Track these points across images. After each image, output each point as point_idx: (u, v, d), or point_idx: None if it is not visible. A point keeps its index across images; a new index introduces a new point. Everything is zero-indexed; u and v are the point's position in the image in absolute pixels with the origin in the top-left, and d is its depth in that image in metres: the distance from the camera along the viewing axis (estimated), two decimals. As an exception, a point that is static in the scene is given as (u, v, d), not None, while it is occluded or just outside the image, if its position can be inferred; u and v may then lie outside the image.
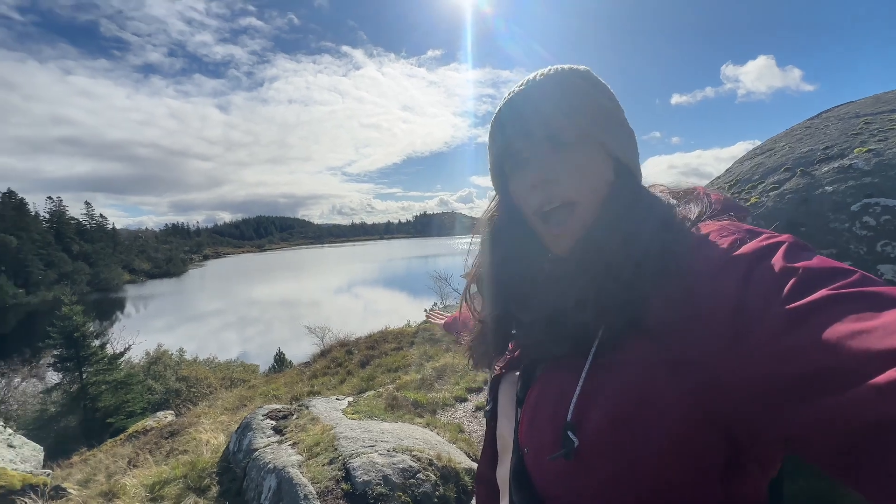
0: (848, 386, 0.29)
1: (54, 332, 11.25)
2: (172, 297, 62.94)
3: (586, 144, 0.52)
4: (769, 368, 0.33)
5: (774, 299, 0.35)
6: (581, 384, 0.45)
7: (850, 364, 0.29)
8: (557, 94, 0.53)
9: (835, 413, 0.29)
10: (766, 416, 0.34)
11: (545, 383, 0.51)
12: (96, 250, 76.32)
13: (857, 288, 0.33)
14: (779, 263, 0.37)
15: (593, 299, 0.46)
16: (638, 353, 0.43)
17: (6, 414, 10.25)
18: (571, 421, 0.44)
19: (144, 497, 3.09)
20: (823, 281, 0.35)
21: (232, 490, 2.99)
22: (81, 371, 11.07)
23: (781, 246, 0.39)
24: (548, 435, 0.46)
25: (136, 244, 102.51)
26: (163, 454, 4.59)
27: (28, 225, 65.50)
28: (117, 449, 6.28)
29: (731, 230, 0.44)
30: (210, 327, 36.57)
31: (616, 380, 0.43)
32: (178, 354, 14.72)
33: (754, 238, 0.42)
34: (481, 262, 0.65)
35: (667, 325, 0.41)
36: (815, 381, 0.31)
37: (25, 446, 6.31)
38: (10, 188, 67.73)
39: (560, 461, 0.44)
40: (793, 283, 0.35)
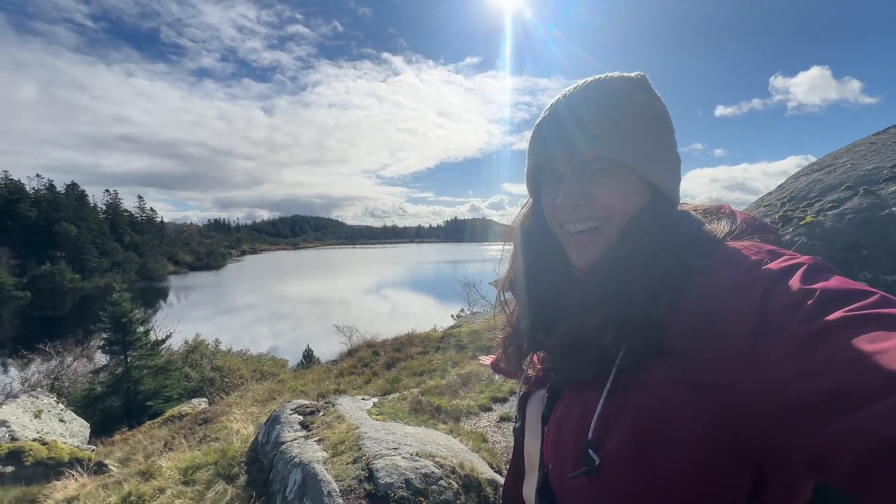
0: (862, 406, 0.29)
1: (105, 316, 11.99)
2: (211, 290, 65.89)
3: (625, 170, 0.52)
4: (787, 389, 0.33)
5: (792, 320, 0.35)
6: (602, 403, 0.45)
7: (865, 385, 0.29)
8: (603, 112, 0.52)
9: (849, 433, 0.30)
10: (787, 437, 0.34)
11: (569, 401, 0.51)
12: (145, 241, 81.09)
13: (876, 309, 0.33)
14: (797, 284, 0.38)
15: (614, 322, 0.46)
16: (659, 374, 0.42)
17: (59, 390, 11.02)
18: (592, 439, 0.44)
19: (178, 480, 3.23)
20: (841, 302, 0.35)
21: (259, 480, 3.08)
22: (126, 355, 11.75)
23: (801, 267, 0.39)
24: (570, 453, 0.47)
25: (181, 237, 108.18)
26: (196, 440, 4.79)
27: (87, 215, 70.61)
28: (155, 431, 6.60)
29: (753, 251, 0.44)
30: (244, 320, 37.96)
31: (638, 400, 0.43)
32: (213, 345, 15.40)
33: (775, 259, 0.42)
34: (513, 267, 0.66)
35: (687, 346, 0.41)
36: (831, 401, 0.31)
37: (74, 422, 6.76)
38: (73, 181, 73.23)
39: (582, 479, 0.44)
40: (810, 304, 0.35)
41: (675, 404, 0.40)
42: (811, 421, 0.32)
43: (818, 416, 0.31)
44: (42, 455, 5.21)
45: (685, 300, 0.42)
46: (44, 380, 11.86)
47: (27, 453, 5.11)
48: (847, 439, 0.30)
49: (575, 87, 0.55)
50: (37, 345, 13.46)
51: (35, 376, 12.04)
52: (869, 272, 1.55)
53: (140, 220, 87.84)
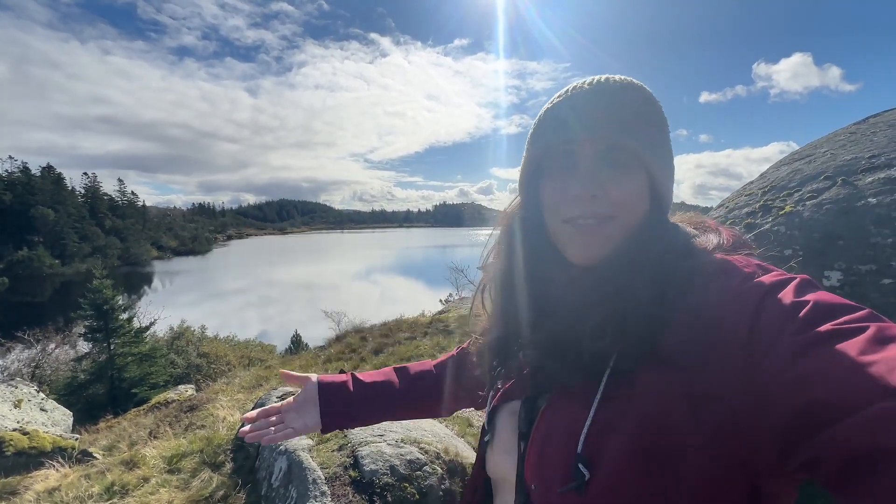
0: (849, 415, 0.30)
1: (85, 303, 11.74)
2: (197, 275, 64.97)
3: (636, 169, 0.50)
4: (780, 398, 0.34)
5: (783, 331, 0.36)
6: (592, 415, 0.44)
7: (853, 394, 0.31)
8: (629, 108, 0.50)
9: (835, 442, 0.31)
10: (779, 447, 0.35)
11: (553, 415, 0.49)
12: (127, 226, 79.22)
13: (863, 323, 0.34)
14: (789, 297, 0.39)
15: (612, 325, 0.45)
16: (652, 384, 0.42)
17: (40, 378, 10.84)
18: (582, 453, 0.43)
19: (163, 468, 3.22)
20: (832, 315, 0.36)
21: (245, 468, 3.08)
22: (109, 342, 11.56)
23: (793, 281, 0.41)
24: (558, 470, 0.44)
25: (165, 222, 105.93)
26: (182, 427, 4.76)
27: (65, 199, 68.42)
28: (140, 419, 6.56)
29: (745, 264, 0.45)
30: (231, 306, 37.66)
31: (632, 412, 0.41)
32: (199, 331, 15.22)
33: (767, 273, 0.43)
34: (496, 264, 0.63)
35: (681, 356, 0.41)
36: (821, 410, 0.32)
37: (56, 410, 6.66)
38: (49, 163, 70.82)
39: (571, 497, 0.42)
40: (801, 316, 0.36)
41: (671, 416, 0.40)
42: (803, 429, 0.33)
43: (809, 425, 0.32)
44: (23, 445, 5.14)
45: (682, 308, 0.43)
46: (24, 368, 11.63)
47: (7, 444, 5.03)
48: (834, 447, 0.31)
49: (594, 80, 0.52)
50: (15, 332, 13.16)
51: (14, 365, 11.79)
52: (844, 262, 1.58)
53: (121, 204, 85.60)
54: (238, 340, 15.92)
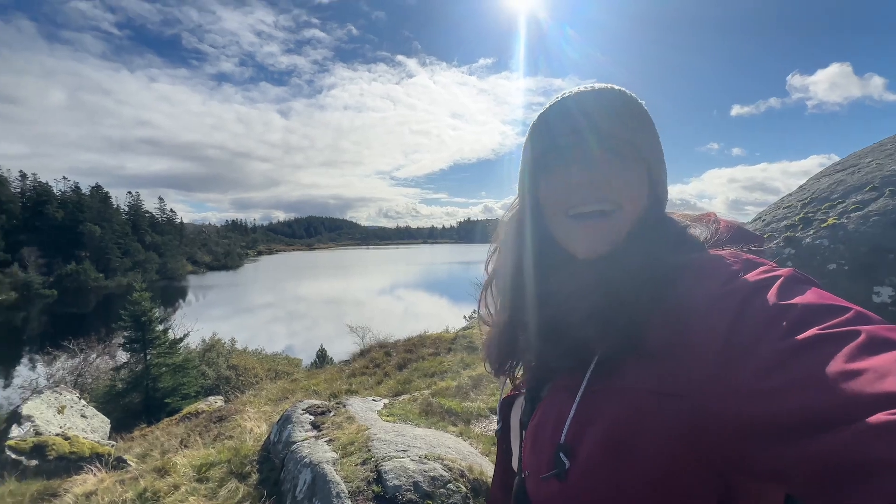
0: (833, 428, 0.29)
1: (125, 314, 12.32)
2: (228, 289, 67.13)
3: (637, 161, 0.52)
4: (755, 406, 0.33)
5: (764, 336, 0.35)
6: (575, 408, 0.45)
7: (837, 406, 0.29)
8: (618, 105, 0.52)
9: (818, 454, 0.29)
10: (753, 453, 0.34)
11: (546, 406, 0.51)
12: (165, 242, 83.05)
13: (851, 327, 0.33)
14: (772, 299, 0.37)
15: (603, 315, 0.46)
16: (633, 381, 0.42)
17: (81, 386, 11.36)
18: (564, 443, 0.44)
19: (192, 477, 3.29)
20: (816, 318, 0.35)
21: (270, 479, 3.11)
22: (146, 353, 12.05)
23: (777, 280, 0.39)
24: (545, 458, 0.47)
25: (200, 238, 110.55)
26: (211, 437, 4.87)
27: (110, 216, 72.65)
28: (172, 428, 6.74)
29: (731, 260, 0.44)
30: (260, 320, 38.57)
31: (609, 407, 0.43)
32: (230, 343, 15.67)
33: (753, 269, 0.42)
34: (500, 263, 0.65)
35: (661, 354, 0.41)
36: (801, 421, 0.31)
37: (95, 417, 6.95)
38: (97, 183, 75.79)
39: (554, 484, 0.44)
40: (784, 320, 0.35)
41: (644, 413, 0.40)
42: (777, 440, 0.32)
43: (784, 436, 0.31)
44: (64, 450, 5.35)
45: (666, 305, 0.43)
46: (67, 376, 12.24)
47: (50, 448, 5.25)
48: (812, 461, 0.30)
49: (583, 87, 0.55)
50: (62, 342, 13.89)
51: (59, 372, 12.44)
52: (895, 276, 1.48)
53: (160, 221, 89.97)
54: (266, 354, 16.26)
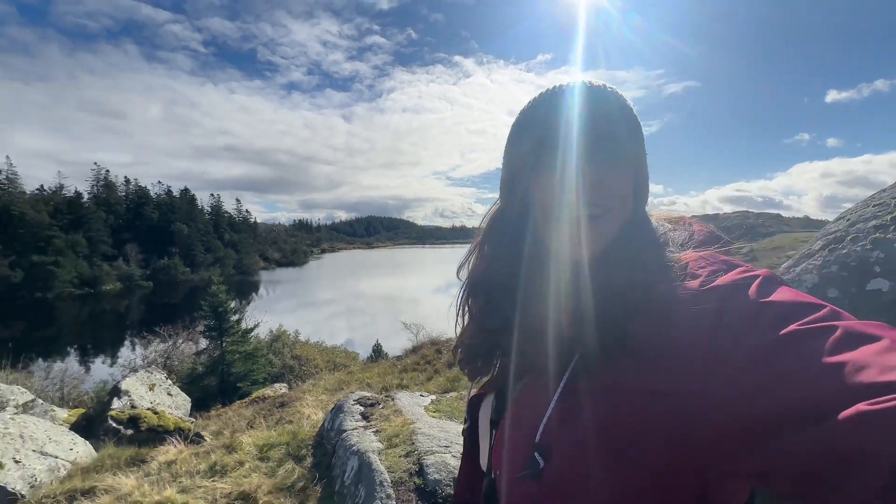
0: (814, 421, 0.30)
1: (205, 305, 13.65)
2: (294, 285, 71.63)
3: (628, 164, 0.51)
4: (739, 401, 0.34)
5: (746, 334, 0.36)
6: (552, 406, 0.45)
7: (818, 400, 0.30)
8: (613, 106, 0.50)
9: (799, 447, 0.30)
10: (736, 450, 0.34)
11: (519, 405, 0.50)
12: (241, 240, 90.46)
13: (826, 323, 0.34)
14: (751, 298, 0.38)
15: (591, 315, 0.45)
16: (613, 380, 0.41)
17: (169, 368, 12.74)
18: (539, 442, 0.44)
19: (255, 455, 3.58)
20: (793, 316, 0.35)
21: (323, 463, 3.30)
22: (222, 340, 13.25)
23: (756, 280, 0.40)
24: (519, 458, 0.46)
25: (271, 236, 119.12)
26: (273, 420, 5.24)
27: (196, 217, 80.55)
28: (242, 410, 7.34)
29: (711, 261, 0.45)
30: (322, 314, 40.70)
31: (589, 405, 0.42)
32: (294, 335, 16.74)
33: (731, 270, 0.43)
34: (484, 265, 0.62)
35: (644, 353, 0.40)
36: (784, 417, 0.31)
37: (179, 396, 7.76)
38: (186, 186, 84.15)
39: (527, 484, 0.44)
40: (763, 319, 0.36)
41: (626, 412, 0.40)
42: (762, 434, 0.32)
43: (769, 430, 0.32)
44: (153, 422, 5.98)
45: (650, 306, 0.43)
46: (158, 358, 13.78)
47: (142, 420, 5.90)
48: (796, 454, 0.30)
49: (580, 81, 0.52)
50: (155, 328, 15.67)
51: (152, 355, 14.04)
52: None
53: (237, 221, 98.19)
54: (326, 346, 17.14)
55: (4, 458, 3.03)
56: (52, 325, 38.39)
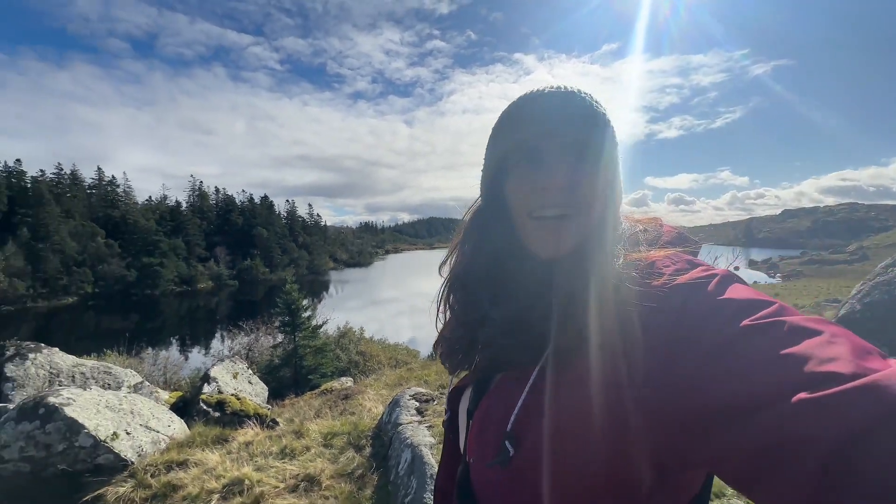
0: (760, 410, 0.32)
1: (280, 302, 14.77)
2: (361, 284, 75.07)
3: (597, 164, 0.52)
4: (693, 395, 0.36)
5: (704, 329, 0.38)
6: (523, 398, 0.47)
7: (764, 391, 0.32)
8: (585, 110, 0.52)
9: (746, 436, 0.32)
10: (691, 442, 0.36)
11: (494, 396, 0.53)
12: (313, 242, 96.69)
13: (775, 318, 0.36)
14: (710, 295, 0.41)
15: (561, 312, 0.47)
16: (580, 373, 0.43)
17: (250, 359, 14.01)
18: (510, 431, 0.46)
19: (320, 442, 3.84)
20: (745, 312, 0.38)
21: (380, 454, 3.46)
22: (295, 335, 14.28)
23: (714, 278, 0.42)
24: (490, 446, 0.49)
25: (339, 238, 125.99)
26: (338, 411, 5.58)
27: (274, 221, 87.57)
28: (312, 400, 7.87)
29: (675, 260, 0.48)
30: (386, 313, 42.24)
31: (556, 397, 0.44)
32: (359, 332, 17.58)
33: (693, 269, 0.45)
34: (463, 262, 0.64)
35: (611, 348, 0.42)
36: (732, 407, 0.33)
37: (258, 385, 8.50)
38: (265, 194, 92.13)
39: (497, 471, 0.46)
40: (719, 315, 0.38)
41: (591, 404, 0.42)
42: (712, 427, 0.34)
43: (719, 420, 0.34)
44: (236, 407, 6.61)
45: (616, 302, 0.44)
46: (242, 350, 15.21)
47: (227, 404, 6.54)
48: (743, 442, 0.32)
49: (549, 87, 0.54)
50: (239, 322, 17.32)
51: (237, 346, 15.54)
52: None
53: (310, 224, 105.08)
54: (388, 343, 17.81)
55: (119, 429, 3.55)
56: (158, 318, 43.91)
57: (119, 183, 68.43)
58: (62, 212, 55.05)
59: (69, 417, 3.29)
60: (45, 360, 5.23)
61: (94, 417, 3.46)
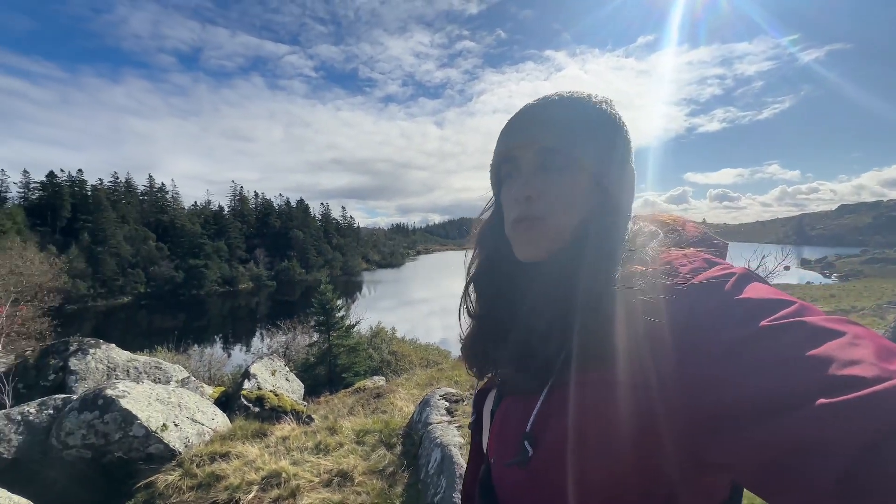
0: (778, 413, 0.31)
1: (315, 302, 15.20)
2: (393, 285, 76.16)
3: (575, 170, 0.53)
4: (709, 396, 0.35)
5: (719, 328, 0.37)
6: (542, 399, 0.47)
7: (784, 393, 0.31)
8: (567, 115, 0.55)
9: (762, 438, 0.31)
10: (707, 443, 0.36)
11: (514, 398, 0.53)
12: (346, 243, 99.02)
13: (795, 318, 0.35)
14: (727, 294, 0.40)
15: (557, 329, 0.48)
16: (595, 375, 0.43)
17: (287, 357, 14.54)
18: (529, 432, 0.47)
19: (353, 439, 3.94)
20: (764, 312, 0.37)
21: (410, 452, 3.51)
22: (329, 334, 14.67)
23: (732, 277, 0.41)
24: (510, 446, 0.49)
25: (371, 239, 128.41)
26: (370, 409, 5.69)
27: (309, 224, 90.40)
28: (345, 398, 8.07)
29: (692, 259, 0.46)
30: (418, 312, 42.60)
31: (574, 398, 0.44)
32: (391, 332, 17.84)
33: (711, 268, 0.44)
34: (476, 264, 0.67)
35: (623, 351, 0.42)
36: (750, 408, 0.33)
37: (294, 382, 8.80)
38: (301, 197, 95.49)
39: (516, 471, 0.47)
40: (735, 314, 0.38)
41: (607, 405, 0.42)
42: (728, 428, 0.34)
43: (735, 423, 0.33)
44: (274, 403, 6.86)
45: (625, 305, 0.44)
46: (279, 348, 15.81)
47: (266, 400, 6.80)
48: (759, 447, 0.31)
49: (543, 96, 0.58)
50: (277, 321, 18.00)
51: (275, 345, 16.17)
52: None
53: (343, 226, 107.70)
54: (420, 343, 17.97)
55: (168, 421, 3.79)
56: (203, 317, 46.33)
57: (168, 189, 72.93)
58: (118, 217, 59.28)
59: (124, 409, 3.54)
60: (104, 356, 5.64)
61: (146, 409, 3.70)
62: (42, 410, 3.70)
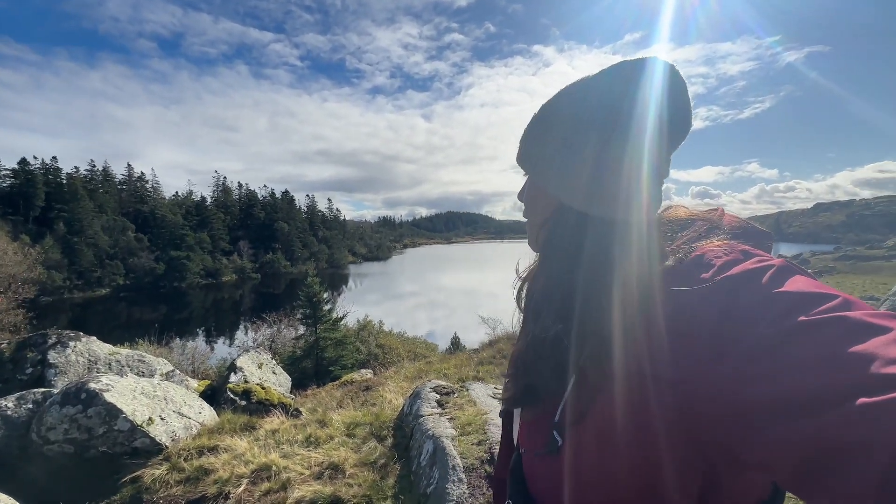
0: (816, 411, 0.30)
1: (301, 295, 15.06)
2: (379, 278, 75.82)
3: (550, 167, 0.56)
4: (743, 390, 0.34)
5: (755, 323, 0.36)
6: (569, 390, 0.47)
7: (823, 390, 0.30)
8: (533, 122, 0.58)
9: (800, 436, 0.30)
10: (741, 439, 0.35)
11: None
12: (332, 236, 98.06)
13: (836, 313, 0.33)
14: (764, 287, 0.38)
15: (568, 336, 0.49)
16: (623, 367, 0.43)
17: (273, 350, 14.39)
18: (559, 422, 0.47)
19: (343, 431, 3.93)
20: (806, 305, 0.35)
21: (402, 445, 3.52)
22: (316, 327, 14.55)
23: (770, 269, 0.40)
24: (540, 436, 0.50)
25: (358, 232, 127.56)
26: (359, 402, 5.69)
27: (294, 216, 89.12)
28: (333, 391, 8.04)
29: (728, 250, 0.44)
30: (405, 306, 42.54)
31: (603, 390, 0.44)
32: (378, 325, 17.80)
33: (747, 259, 0.42)
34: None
35: (655, 341, 0.41)
36: (788, 405, 0.32)
37: (282, 375, 8.72)
38: (286, 189, 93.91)
39: (546, 461, 0.47)
40: (773, 308, 0.36)
41: (636, 398, 0.41)
42: (764, 424, 0.32)
43: (771, 420, 0.32)
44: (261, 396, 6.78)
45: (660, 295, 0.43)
46: (265, 341, 15.62)
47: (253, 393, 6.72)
48: (797, 445, 0.30)
49: None
50: (262, 314, 17.77)
51: (260, 338, 15.97)
52: None
53: (329, 219, 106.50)
54: (407, 336, 17.97)
55: (154, 414, 3.72)
56: (185, 309, 45.44)
57: (148, 179, 70.82)
58: (95, 207, 57.39)
59: (108, 403, 3.46)
60: (84, 348, 5.49)
61: (131, 403, 3.63)
62: (21, 405, 3.59)
